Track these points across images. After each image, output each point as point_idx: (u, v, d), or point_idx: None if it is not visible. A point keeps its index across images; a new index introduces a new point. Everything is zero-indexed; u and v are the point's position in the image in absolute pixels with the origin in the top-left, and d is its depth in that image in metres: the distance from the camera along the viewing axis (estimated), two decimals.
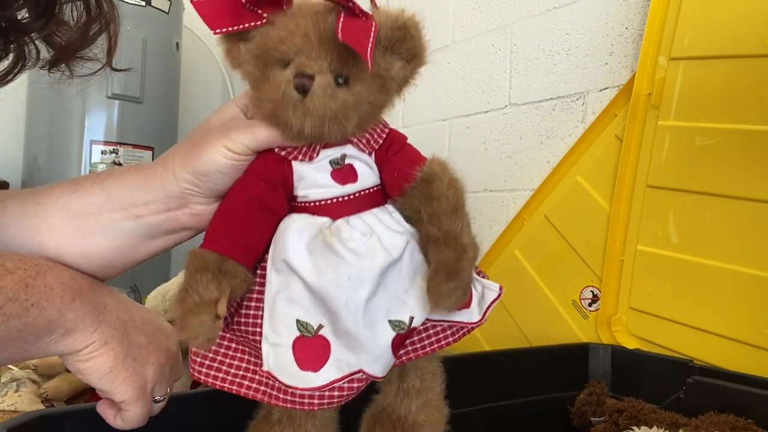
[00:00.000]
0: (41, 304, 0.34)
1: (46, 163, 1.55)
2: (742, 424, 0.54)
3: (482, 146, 1.07)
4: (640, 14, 0.83)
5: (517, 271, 0.93)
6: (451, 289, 0.39)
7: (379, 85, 0.40)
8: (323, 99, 0.37)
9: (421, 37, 0.43)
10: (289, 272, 0.40)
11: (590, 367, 0.74)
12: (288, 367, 0.39)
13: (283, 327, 0.39)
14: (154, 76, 1.60)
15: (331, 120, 0.38)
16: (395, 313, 0.41)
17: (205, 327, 0.36)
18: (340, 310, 0.39)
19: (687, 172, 0.72)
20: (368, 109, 0.40)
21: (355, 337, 0.39)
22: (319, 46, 0.38)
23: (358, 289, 0.39)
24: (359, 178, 0.42)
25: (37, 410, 0.44)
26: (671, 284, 0.74)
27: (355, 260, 0.39)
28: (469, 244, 0.40)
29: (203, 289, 0.36)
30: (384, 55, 0.40)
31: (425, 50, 0.44)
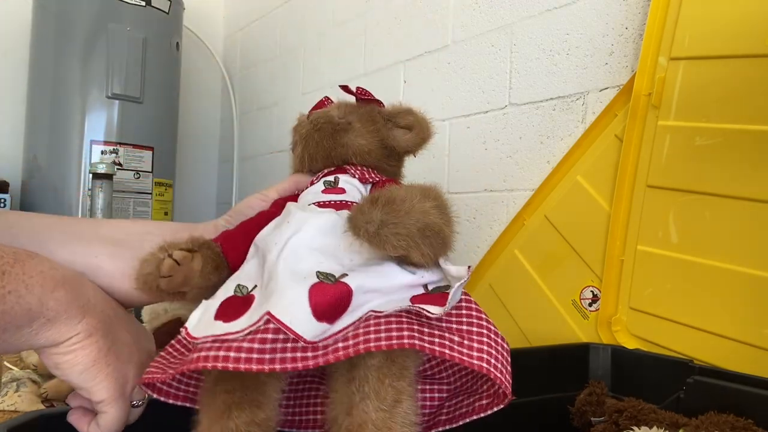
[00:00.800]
0: (19, 292, 0.33)
1: (46, 163, 1.55)
2: (742, 424, 0.54)
3: (482, 146, 1.07)
4: (640, 14, 0.83)
5: (517, 271, 0.93)
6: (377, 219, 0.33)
7: (373, 129, 0.50)
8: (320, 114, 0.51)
9: (421, 116, 0.52)
10: (253, 251, 0.41)
11: (590, 367, 0.74)
12: (204, 322, 0.35)
13: (222, 292, 0.37)
14: (154, 76, 1.60)
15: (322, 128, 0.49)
16: (327, 267, 0.35)
17: (156, 258, 0.36)
18: (269, 250, 0.37)
19: (687, 172, 0.72)
20: (356, 138, 0.49)
21: (273, 275, 0.35)
22: (335, 106, 0.53)
23: (293, 231, 0.38)
24: (346, 194, 0.45)
25: (37, 410, 0.44)
26: (671, 284, 0.74)
27: (300, 212, 0.40)
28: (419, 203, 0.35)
29: (173, 243, 0.38)
30: (386, 122, 0.51)
31: (425, 127, 0.52)
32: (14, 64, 1.68)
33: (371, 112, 0.52)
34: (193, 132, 2.06)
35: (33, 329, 0.34)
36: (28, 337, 0.34)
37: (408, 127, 0.51)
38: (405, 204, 0.35)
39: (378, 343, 0.32)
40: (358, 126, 0.50)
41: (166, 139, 1.68)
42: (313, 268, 0.35)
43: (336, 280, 0.34)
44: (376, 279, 0.35)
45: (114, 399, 0.38)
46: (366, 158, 0.50)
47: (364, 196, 0.45)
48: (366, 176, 0.48)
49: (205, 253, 0.38)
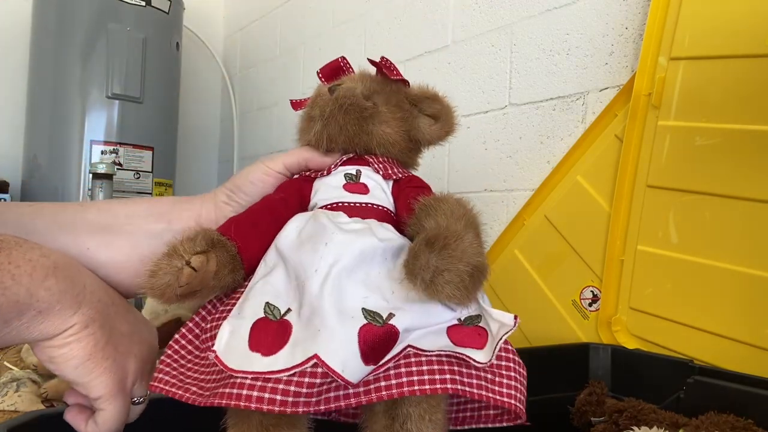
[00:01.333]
0: (4, 283, 0.30)
1: (46, 163, 1.55)
2: (742, 424, 0.54)
3: (482, 146, 1.07)
4: (640, 14, 0.83)
5: (517, 271, 0.93)
6: (433, 265, 0.33)
7: (401, 116, 0.46)
8: (345, 92, 0.45)
9: (448, 105, 0.49)
10: (276, 258, 0.38)
11: (590, 367, 0.74)
12: (237, 348, 0.33)
13: (250, 308, 0.35)
14: (154, 76, 1.60)
15: (348, 110, 0.44)
16: (373, 304, 0.34)
17: (172, 268, 0.33)
18: (309, 277, 0.35)
19: (687, 172, 0.72)
20: (388, 131, 0.45)
21: (317, 310, 0.33)
22: (356, 79, 0.48)
23: (333, 256, 0.35)
24: (370, 193, 0.43)
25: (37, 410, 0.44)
26: (671, 284, 0.74)
27: (338, 233, 0.37)
28: (468, 238, 0.34)
29: (188, 242, 0.35)
30: (412, 108, 0.48)
31: (452, 117, 0.49)
32: (14, 64, 1.68)
33: (398, 94, 0.48)
34: (193, 132, 2.06)
35: (23, 322, 0.32)
36: (19, 331, 0.32)
37: (435, 117, 0.48)
38: (458, 247, 0.34)
39: (422, 387, 0.33)
40: (384, 111, 0.46)
41: (166, 139, 1.68)
42: (359, 304, 0.34)
43: (384, 322, 0.34)
44: (419, 317, 0.35)
45: (112, 395, 0.36)
46: (390, 149, 0.46)
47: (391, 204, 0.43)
48: (389, 171, 0.45)
49: (220, 255, 0.36)
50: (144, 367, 0.39)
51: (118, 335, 0.37)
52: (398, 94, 0.48)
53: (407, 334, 0.34)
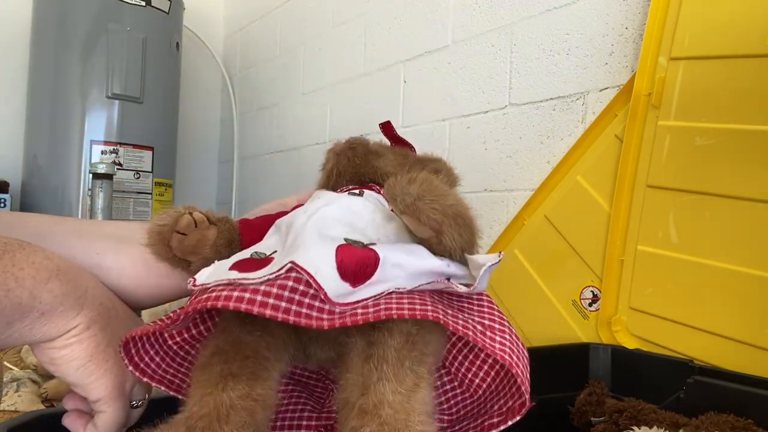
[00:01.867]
0: (8, 285, 0.30)
1: (46, 163, 1.55)
2: (742, 424, 0.54)
3: (482, 146, 1.07)
4: (640, 14, 0.83)
5: (517, 271, 0.93)
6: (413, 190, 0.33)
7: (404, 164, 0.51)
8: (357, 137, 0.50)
9: (447, 163, 0.54)
10: (273, 231, 0.40)
11: (590, 367, 0.74)
12: (215, 273, 0.33)
13: (236, 256, 0.36)
14: (154, 76, 1.60)
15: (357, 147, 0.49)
16: (355, 237, 0.35)
17: (176, 213, 0.36)
18: (297, 218, 0.36)
19: (687, 172, 0.72)
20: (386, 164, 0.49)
21: (299, 234, 0.34)
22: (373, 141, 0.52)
23: (323, 204, 0.38)
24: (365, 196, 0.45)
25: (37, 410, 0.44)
26: (671, 284, 0.74)
27: (333, 194, 0.41)
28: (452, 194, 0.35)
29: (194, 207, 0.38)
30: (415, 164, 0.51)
31: (453, 174, 0.53)
32: (14, 64, 1.68)
33: (404, 151, 0.54)
34: (193, 132, 2.06)
35: (26, 324, 0.32)
36: (22, 333, 0.32)
37: (436, 171, 0.51)
38: (440, 188, 0.35)
39: (401, 311, 0.30)
40: (390, 157, 0.51)
41: (166, 139, 1.68)
42: (341, 235, 0.34)
43: (364, 246, 0.34)
44: (403, 254, 0.34)
45: (112, 397, 0.36)
46: None
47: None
48: None
49: (222, 227, 0.38)
50: None
51: (118, 338, 0.37)
52: (405, 152, 0.54)
53: (391, 271, 0.33)
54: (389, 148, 0.54)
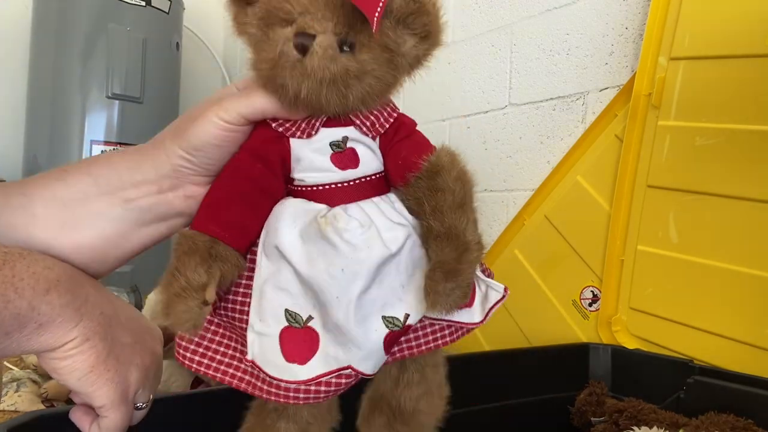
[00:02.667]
0: (7, 296, 0.30)
1: (46, 163, 1.55)
2: (742, 424, 0.54)
3: (482, 146, 1.07)
4: (640, 14, 0.83)
5: (517, 271, 0.93)
6: (449, 289, 0.37)
7: (387, 58, 0.37)
8: (323, 60, 0.35)
9: (438, 15, 0.40)
10: (280, 258, 0.38)
11: (590, 367, 0.74)
12: (273, 358, 0.37)
13: (270, 315, 0.37)
14: (154, 76, 1.60)
15: (330, 85, 0.35)
16: (390, 309, 0.39)
17: (192, 313, 0.34)
18: (330, 303, 0.37)
19: (687, 172, 0.72)
20: (372, 83, 0.37)
21: (345, 332, 0.37)
22: (325, 6, 0.35)
23: (351, 283, 0.37)
24: (360, 164, 0.39)
25: (37, 410, 0.44)
26: (671, 284, 0.74)
27: (350, 252, 0.37)
28: (472, 242, 0.38)
29: (191, 272, 0.34)
30: (396, 27, 0.37)
31: (441, 30, 0.40)
32: (14, 64, 1.68)
33: (381, 28, 0.37)
34: None
35: (24, 335, 0.32)
36: (20, 343, 0.32)
37: (423, 35, 0.39)
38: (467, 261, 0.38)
39: (428, 346, 0.41)
40: (373, 65, 0.37)
41: None
42: (379, 313, 0.38)
43: (402, 325, 0.38)
44: (423, 306, 0.39)
45: (115, 404, 0.36)
46: (374, 102, 0.39)
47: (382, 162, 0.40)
48: (377, 126, 0.39)
49: (223, 266, 0.36)
50: (147, 375, 0.39)
51: (120, 346, 0.37)
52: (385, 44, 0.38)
53: None
54: (357, 18, 0.36)
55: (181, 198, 0.39)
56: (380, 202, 0.39)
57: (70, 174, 0.38)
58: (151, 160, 0.39)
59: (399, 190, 0.40)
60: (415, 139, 0.41)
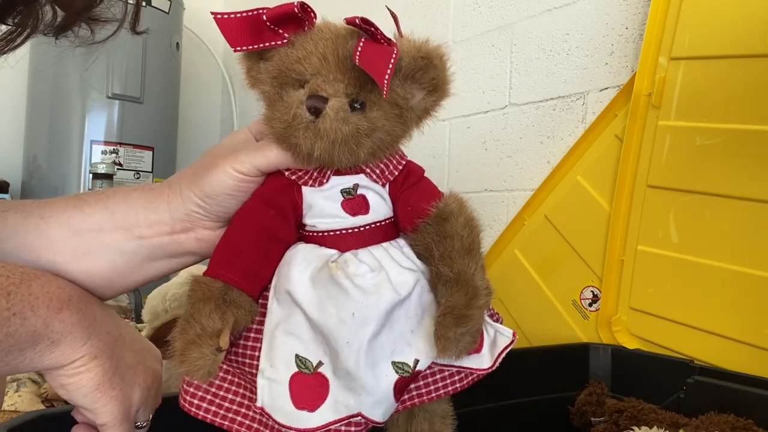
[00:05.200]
0: (24, 314, 0.32)
1: (46, 163, 1.55)
2: (742, 424, 0.54)
3: (482, 146, 1.07)
4: (640, 14, 0.83)
5: (517, 271, 0.93)
6: (460, 335, 0.37)
7: (396, 114, 0.39)
8: (335, 122, 0.36)
9: (446, 69, 0.42)
10: (291, 304, 0.38)
11: (590, 367, 0.74)
12: (283, 405, 0.37)
13: (281, 361, 0.37)
14: (154, 76, 1.60)
15: (342, 144, 0.37)
16: (399, 355, 0.39)
17: (206, 360, 0.34)
18: (341, 348, 0.37)
19: (687, 172, 0.72)
20: (383, 137, 0.39)
21: (356, 378, 0.37)
22: (336, 68, 0.37)
23: (361, 328, 0.37)
24: (371, 210, 0.40)
25: (37, 410, 0.44)
26: (671, 284, 0.74)
27: (360, 297, 0.37)
28: (481, 287, 0.38)
29: (206, 319, 0.35)
30: (404, 83, 0.39)
31: (449, 82, 0.42)
32: (14, 64, 1.67)
33: (390, 86, 0.38)
34: (193, 132, 2.06)
35: (37, 351, 0.33)
36: (32, 359, 0.33)
37: (432, 88, 0.41)
38: (476, 306, 0.38)
39: (438, 393, 0.41)
40: (383, 122, 0.38)
41: (166, 139, 1.68)
42: (388, 359, 0.39)
43: (412, 371, 0.39)
44: (433, 352, 0.39)
45: (118, 422, 0.37)
46: (384, 154, 0.41)
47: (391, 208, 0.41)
48: (386, 174, 0.41)
49: (236, 312, 0.36)
50: (148, 395, 0.40)
51: (124, 366, 0.38)
52: (396, 102, 0.40)
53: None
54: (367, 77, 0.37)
55: (193, 240, 0.41)
56: (390, 248, 0.40)
57: (87, 204, 0.40)
58: (167, 202, 0.41)
59: (408, 236, 0.41)
60: (423, 186, 0.42)
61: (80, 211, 0.40)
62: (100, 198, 0.41)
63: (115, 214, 0.40)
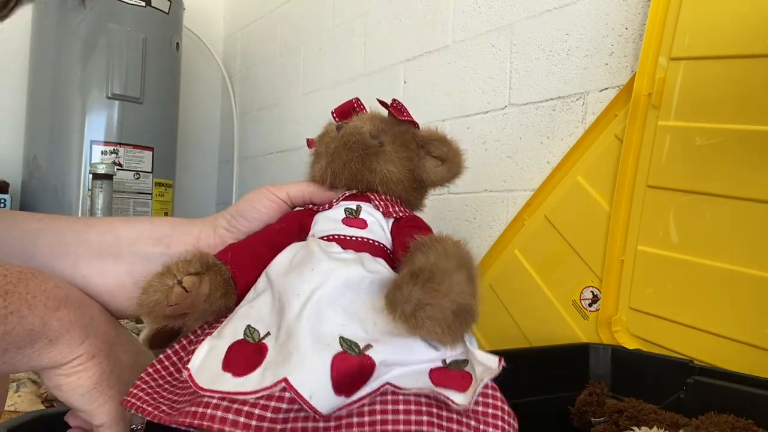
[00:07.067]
0: (21, 312, 0.32)
1: (46, 163, 1.55)
2: (742, 425, 0.54)
3: (482, 146, 1.07)
4: (640, 14, 0.83)
5: (517, 271, 0.93)
6: (416, 298, 0.32)
7: (406, 156, 0.46)
8: (351, 130, 0.46)
9: (456, 148, 0.49)
10: (265, 284, 0.38)
11: (590, 367, 0.74)
12: (210, 367, 0.33)
13: (230, 329, 0.35)
14: (154, 76, 1.60)
15: (353, 148, 0.45)
16: (351, 333, 0.33)
17: (162, 286, 0.33)
18: (289, 300, 0.34)
19: (687, 172, 0.72)
20: (392, 169, 0.46)
21: (292, 334, 0.33)
22: (365, 119, 0.48)
23: (317, 283, 0.35)
24: (368, 228, 0.42)
25: (37, 410, 0.44)
26: (672, 284, 0.74)
27: (325, 261, 0.36)
28: (457, 278, 0.33)
29: (183, 262, 0.35)
30: (419, 149, 0.48)
31: (459, 160, 0.48)
32: (14, 64, 1.68)
33: (405, 134, 0.48)
34: (193, 132, 2.06)
35: (35, 350, 0.33)
36: (30, 358, 0.34)
37: (441, 159, 0.48)
38: (445, 282, 0.32)
39: (396, 427, 0.31)
40: (390, 150, 0.46)
41: (166, 139, 1.68)
42: (337, 331, 0.33)
43: (360, 352, 0.32)
44: (399, 352, 0.33)
45: (115, 423, 0.37)
46: (393, 188, 0.46)
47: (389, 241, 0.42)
48: (390, 210, 0.44)
49: (214, 278, 0.36)
50: None
51: (121, 366, 0.38)
52: (406, 134, 0.48)
53: (386, 369, 0.33)
54: (389, 128, 0.47)
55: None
56: (378, 259, 0.40)
57: (136, 219, 0.45)
58: (201, 221, 0.46)
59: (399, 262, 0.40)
60: (426, 229, 0.44)
61: (125, 223, 0.43)
62: (146, 218, 0.45)
63: (156, 228, 0.44)
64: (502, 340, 0.93)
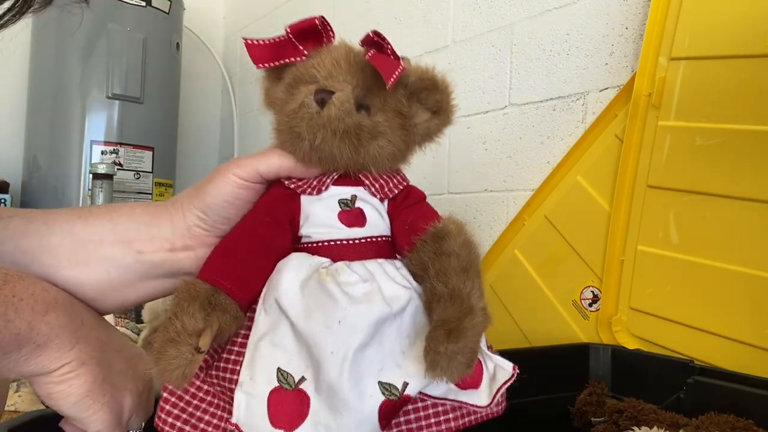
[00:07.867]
0: (8, 316, 0.31)
1: (46, 163, 1.55)
2: (742, 425, 0.54)
3: (482, 146, 1.07)
4: (640, 14, 0.83)
5: (517, 271, 0.93)
6: (451, 352, 0.34)
7: (399, 124, 0.40)
8: (339, 112, 0.37)
9: (449, 95, 0.44)
10: (278, 313, 0.37)
11: (590, 367, 0.74)
12: (259, 423, 0.34)
13: (262, 374, 0.35)
14: (154, 76, 1.60)
15: (344, 136, 0.37)
16: (387, 375, 0.36)
17: (183, 359, 0.32)
18: (324, 358, 0.35)
19: (687, 172, 0.72)
20: (384, 144, 0.39)
21: (338, 393, 0.35)
22: (347, 71, 0.39)
23: (348, 337, 0.35)
24: (367, 224, 0.40)
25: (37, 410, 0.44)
26: (672, 284, 0.74)
27: (349, 304, 0.36)
28: (477, 306, 0.36)
29: (188, 318, 0.33)
30: (409, 100, 0.41)
31: (452, 109, 0.44)
32: (14, 64, 1.68)
33: (395, 95, 0.40)
34: (193, 132, 2.06)
35: (22, 355, 0.32)
36: (17, 364, 0.32)
37: (435, 110, 0.43)
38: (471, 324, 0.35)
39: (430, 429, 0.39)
40: (382, 122, 0.39)
41: (166, 139, 1.68)
42: (375, 378, 0.36)
43: (400, 395, 0.36)
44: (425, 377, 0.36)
45: (110, 430, 0.36)
46: (385, 164, 0.41)
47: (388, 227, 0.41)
48: (386, 191, 0.41)
49: (221, 317, 0.35)
50: (139, 401, 0.39)
51: (114, 372, 0.37)
52: (397, 95, 0.41)
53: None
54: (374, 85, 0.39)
55: (192, 259, 0.40)
56: (385, 264, 0.39)
57: (92, 215, 0.40)
58: (169, 217, 0.40)
59: (405, 258, 0.40)
60: (422, 208, 0.42)
61: (84, 221, 0.39)
62: (107, 210, 0.41)
63: (117, 227, 0.39)
64: (502, 340, 0.93)
